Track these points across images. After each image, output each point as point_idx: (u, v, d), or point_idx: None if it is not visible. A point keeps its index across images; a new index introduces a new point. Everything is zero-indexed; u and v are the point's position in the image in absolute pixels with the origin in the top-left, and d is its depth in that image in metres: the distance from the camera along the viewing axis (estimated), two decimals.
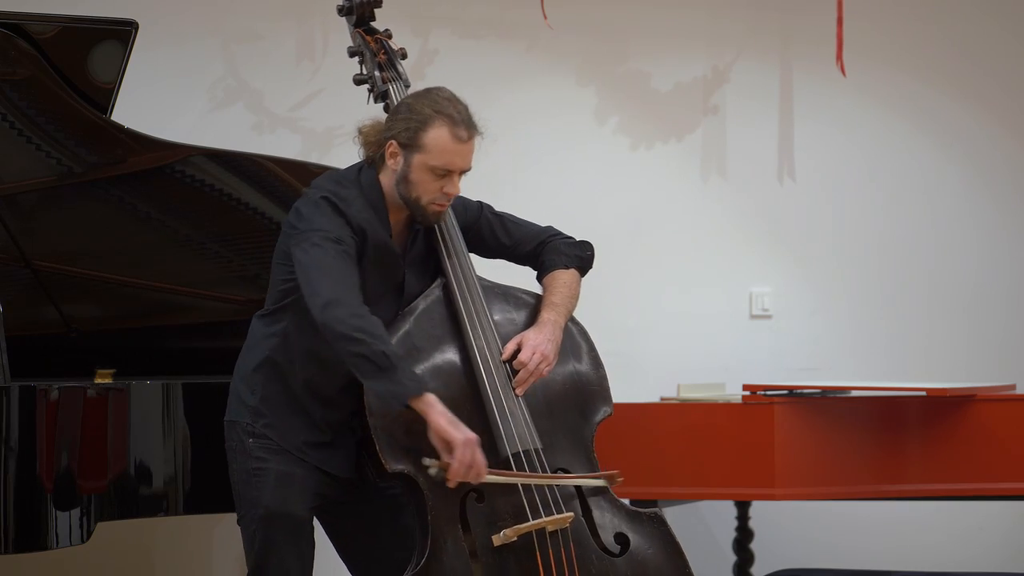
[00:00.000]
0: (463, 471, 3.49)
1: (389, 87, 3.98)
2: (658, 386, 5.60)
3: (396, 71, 4.02)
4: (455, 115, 3.63)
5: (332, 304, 3.48)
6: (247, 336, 3.80)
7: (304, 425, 3.70)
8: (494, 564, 3.60)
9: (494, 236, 3.90)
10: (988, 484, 4.94)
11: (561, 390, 3.81)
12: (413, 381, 3.49)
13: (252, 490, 3.69)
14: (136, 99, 4.58)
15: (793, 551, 5.96)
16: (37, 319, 4.56)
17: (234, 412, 3.75)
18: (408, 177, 3.65)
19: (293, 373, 3.69)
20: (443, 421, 3.48)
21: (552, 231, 3.93)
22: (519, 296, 3.87)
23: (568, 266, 3.87)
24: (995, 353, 6.17)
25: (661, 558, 3.76)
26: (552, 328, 3.74)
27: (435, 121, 3.62)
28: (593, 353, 3.87)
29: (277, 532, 3.67)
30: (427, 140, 3.62)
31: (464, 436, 3.48)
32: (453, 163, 3.64)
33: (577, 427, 3.81)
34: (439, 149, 3.62)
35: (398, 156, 3.65)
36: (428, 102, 3.65)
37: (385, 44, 4.05)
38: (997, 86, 6.25)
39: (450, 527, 3.60)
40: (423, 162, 3.63)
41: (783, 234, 6.15)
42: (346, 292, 3.51)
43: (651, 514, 3.80)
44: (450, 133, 3.62)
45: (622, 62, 6.02)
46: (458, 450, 3.47)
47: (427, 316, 3.73)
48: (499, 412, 3.65)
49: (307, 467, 3.69)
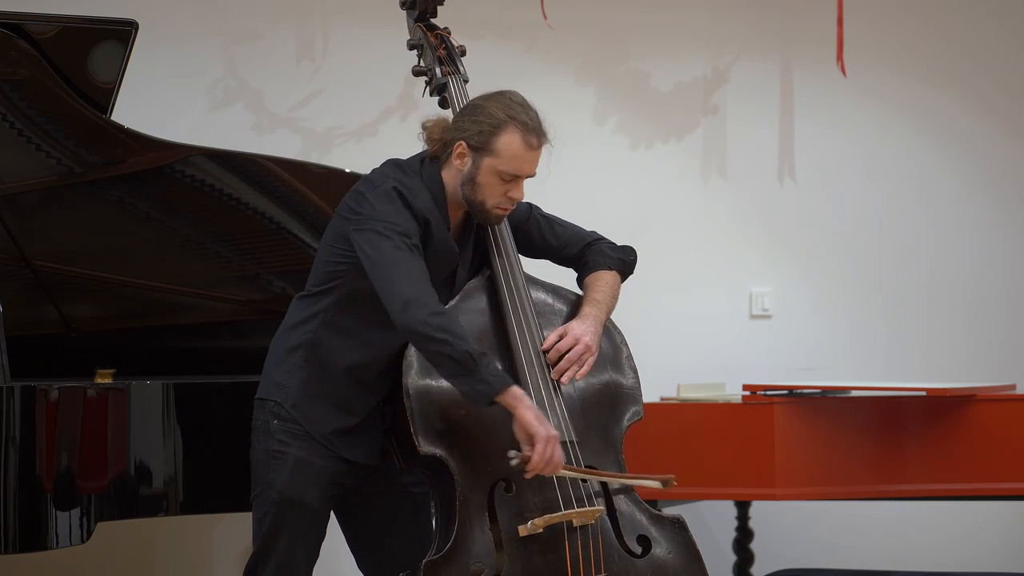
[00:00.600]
0: (542, 464, 3.52)
1: (449, 80, 3.99)
2: (658, 386, 5.59)
3: (456, 66, 4.03)
4: (528, 121, 3.65)
5: (411, 304, 3.49)
6: (285, 316, 3.80)
7: (335, 410, 3.69)
8: (518, 554, 3.62)
9: (542, 237, 3.93)
10: (988, 484, 4.95)
11: (595, 390, 3.83)
12: (497, 377, 3.52)
13: (269, 472, 3.69)
14: (136, 99, 4.58)
15: (793, 551, 5.96)
16: (37, 319, 4.56)
17: (265, 390, 3.75)
18: (475, 179, 3.66)
19: (332, 355, 3.69)
20: (530, 415, 3.52)
21: (597, 235, 3.98)
22: (563, 294, 3.89)
23: (611, 267, 3.91)
24: (995, 353, 6.17)
25: (681, 564, 3.78)
26: (593, 321, 3.77)
27: (508, 126, 3.64)
28: (629, 358, 3.90)
29: (288, 518, 3.68)
30: (499, 145, 3.63)
31: (548, 432, 3.52)
32: (522, 169, 3.67)
33: (608, 427, 3.83)
34: (510, 155, 3.64)
35: (466, 157, 3.66)
36: (501, 106, 3.66)
37: (446, 39, 4.08)
38: (997, 86, 6.25)
39: (477, 515, 3.62)
40: (493, 166, 3.64)
41: (783, 234, 6.15)
42: (422, 290, 3.52)
43: (673, 519, 3.82)
44: (522, 140, 3.64)
45: (622, 62, 6.02)
46: (540, 444, 3.51)
47: (470, 304, 3.76)
48: (538, 403, 3.66)
49: (327, 456, 3.69)
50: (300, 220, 4.63)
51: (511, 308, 3.75)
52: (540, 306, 3.81)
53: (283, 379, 3.71)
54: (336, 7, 5.59)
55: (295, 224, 4.65)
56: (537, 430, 3.52)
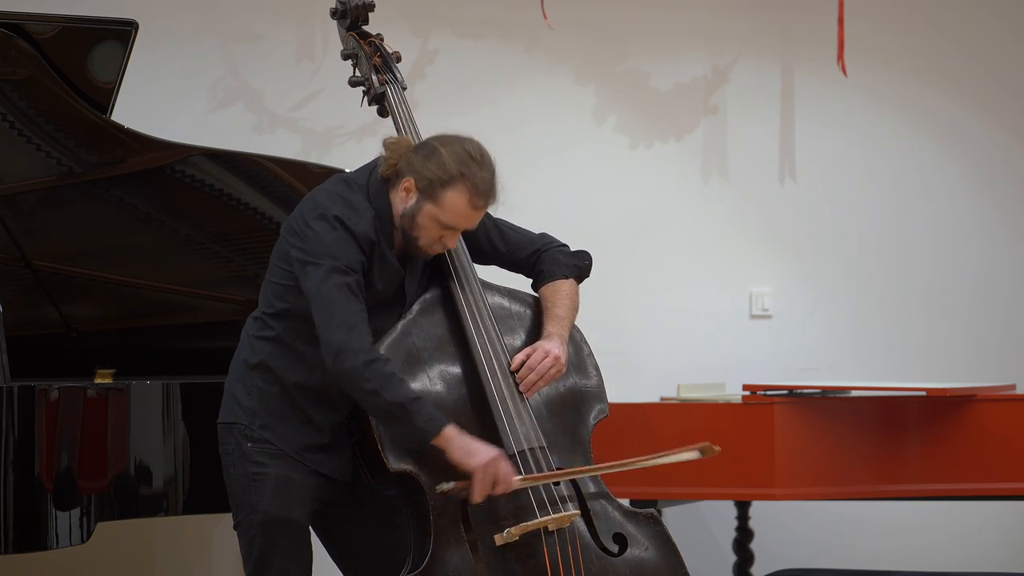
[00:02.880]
0: (486, 491, 3.54)
1: (387, 89, 3.98)
2: (658, 386, 5.60)
3: (392, 74, 4.00)
4: (479, 183, 3.61)
5: (343, 352, 3.49)
6: (241, 335, 3.79)
7: (303, 428, 3.68)
8: (496, 563, 3.61)
9: (490, 242, 3.88)
10: (988, 484, 4.94)
11: (559, 393, 3.81)
12: (429, 422, 3.52)
13: (251, 495, 3.67)
14: (136, 99, 4.59)
15: (793, 551, 5.96)
16: (37, 319, 4.56)
17: (230, 414, 3.73)
18: (415, 219, 3.64)
19: (289, 376, 3.68)
20: (458, 455, 3.53)
21: (547, 239, 3.93)
22: (520, 297, 3.87)
23: (567, 276, 3.86)
24: (995, 353, 6.17)
25: (658, 558, 3.77)
26: (559, 341, 3.75)
27: (457, 184, 3.60)
28: (589, 355, 3.88)
29: (277, 538, 3.66)
30: (444, 198, 3.60)
31: (481, 461, 3.52)
32: (460, 224, 3.65)
33: (575, 428, 3.82)
34: (453, 211, 3.61)
35: (412, 194, 3.64)
36: (457, 159, 3.61)
37: (380, 47, 4.04)
38: (997, 86, 6.25)
39: (452, 527, 3.61)
40: (434, 215, 3.62)
41: (783, 234, 6.15)
42: (355, 336, 3.51)
43: (647, 514, 3.81)
44: (468, 201, 3.61)
45: (622, 62, 6.02)
46: (478, 475, 3.52)
47: (427, 316, 3.74)
48: (504, 411, 3.66)
49: (305, 472, 3.68)
50: None
51: (469, 316, 3.73)
52: (497, 311, 3.79)
53: (246, 401, 3.69)
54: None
55: None
56: (470, 465, 3.53)
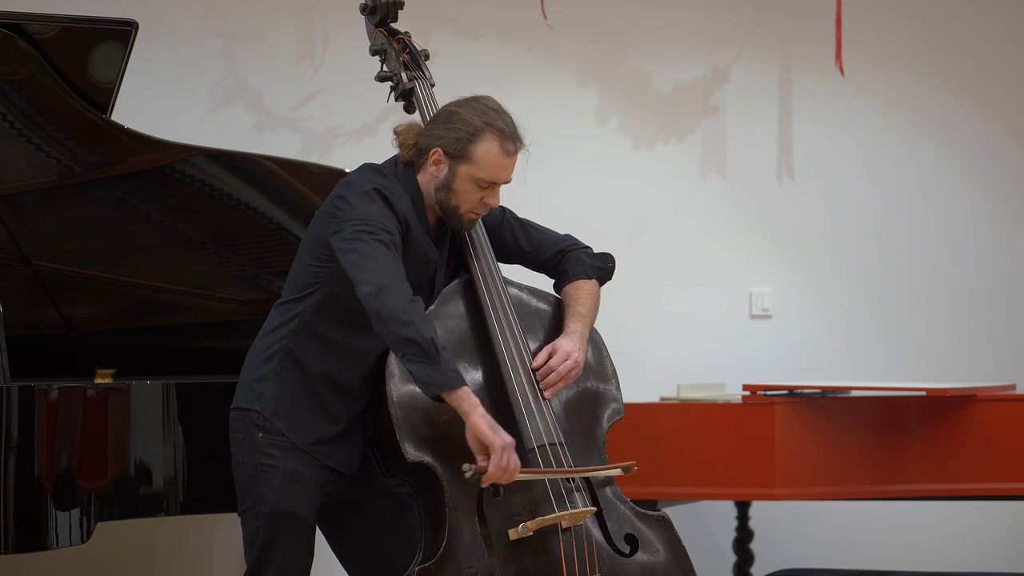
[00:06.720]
0: (498, 474, 3.50)
1: (416, 85, 3.98)
2: (658, 386, 5.60)
3: (422, 70, 4.01)
4: (504, 128, 3.63)
5: (386, 289, 3.45)
6: (264, 324, 3.78)
7: (317, 419, 3.68)
8: (510, 557, 3.62)
9: (515, 241, 3.91)
10: (988, 484, 4.95)
11: (578, 393, 3.83)
12: (455, 374, 3.48)
13: (259, 486, 3.67)
14: (136, 99, 4.58)
15: (793, 551, 5.96)
16: (37, 319, 4.56)
17: (244, 400, 3.72)
18: (451, 186, 3.64)
19: (309, 361, 3.67)
20: (484, 424, 3.49)
21: (572, 240, 3.95)
22: (541, 295, 3.88)
23: (590, 276, 3.89)
24: (995, 353, 6.17)
25: (669, 561, 3.78)
26: (580, 338, 3.76)
27: (485, 133, 3.62)
28: (608, 357, 3.91)
29: (281, 531, 3.67)
30: (476, 152, 3.62)
31: (503, 441, 3.50)
32: (499, 176, 3.66)
33: (591, 428, 3.84)
34: (488, 162, 3.62)
35: (442, 164, 3.65)
36: (477, 113, 3.63)
37: (409, 43, 4.05)
38: (997, 86, 6.25)
39: (467, 520, 3.61)
40: (470, 174, 3.63)
41: (783, 234, 6.15)
42: (398, 279, 3.50)
43: (659, 517, 3.82)
44: (499, 147, 3.62)
45: (622, 62, 6.02)
46: (496, 455, 3.50)
47: (448, 311, 3.74)
48: (524, 406, 3.66)
49: (315, 466, 3.68)
50: (300, 220, 4.63)
51: (491, 310, 3.73)
52: (519, 308, 3.80)
53: (261, 388, 3.69)
54: (336, 7, 5.58)
55: (295, 224, 4.64)
56: (492, 439, 3.49)
